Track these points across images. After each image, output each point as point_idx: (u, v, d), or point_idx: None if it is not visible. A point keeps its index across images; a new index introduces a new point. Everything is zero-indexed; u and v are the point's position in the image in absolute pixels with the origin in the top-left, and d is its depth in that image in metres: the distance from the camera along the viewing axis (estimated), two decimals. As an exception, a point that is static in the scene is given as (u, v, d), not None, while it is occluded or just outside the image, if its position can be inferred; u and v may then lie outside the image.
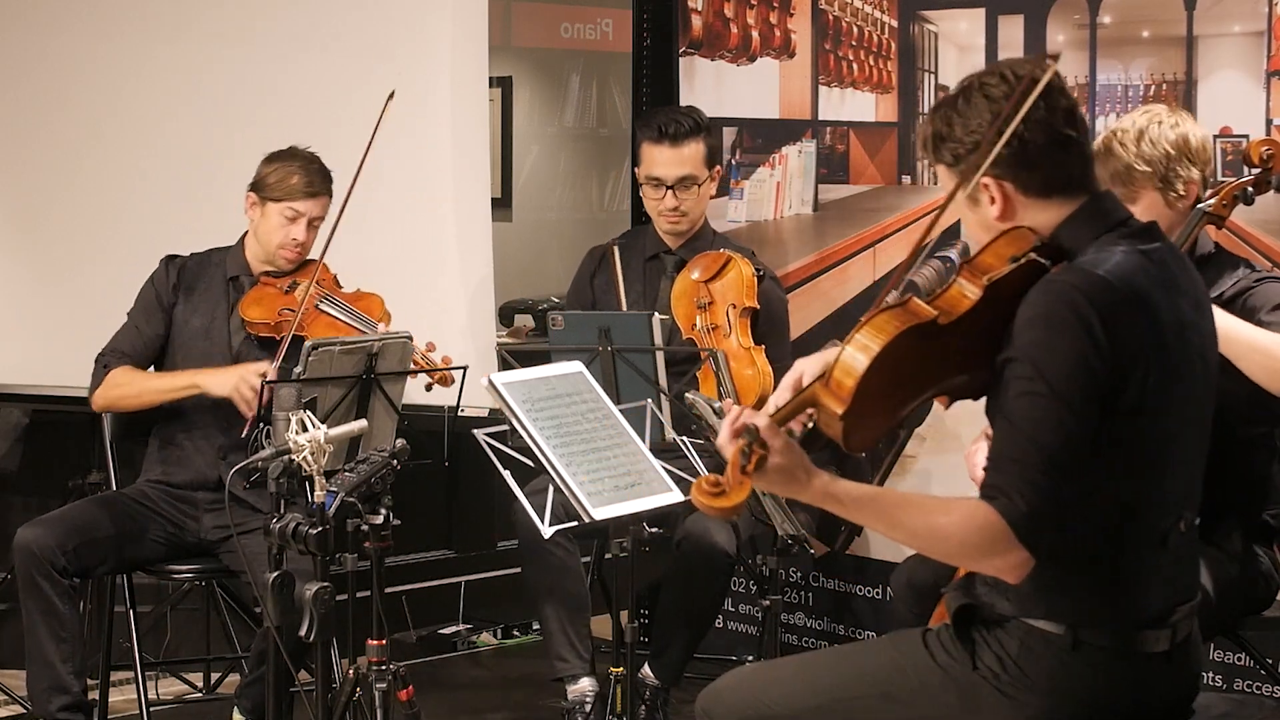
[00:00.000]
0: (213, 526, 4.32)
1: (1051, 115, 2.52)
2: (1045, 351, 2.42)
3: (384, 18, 5.23)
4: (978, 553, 2.43)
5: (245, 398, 4.17)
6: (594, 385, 3.72)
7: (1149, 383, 2.43)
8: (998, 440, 2.45)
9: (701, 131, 4.57)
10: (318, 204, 4.40)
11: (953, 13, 4.78)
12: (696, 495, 2.40)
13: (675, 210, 4.55)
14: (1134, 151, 3.44)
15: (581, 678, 4.32)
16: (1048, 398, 2.40)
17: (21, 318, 5.44)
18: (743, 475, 2.39)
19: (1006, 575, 2.44)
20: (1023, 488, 2.39)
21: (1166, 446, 2.50)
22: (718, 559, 4.25)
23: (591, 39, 7.95)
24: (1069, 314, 2.42)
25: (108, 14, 5.42)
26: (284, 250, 4.40)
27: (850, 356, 2.46)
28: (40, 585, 4.10)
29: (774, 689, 2.72)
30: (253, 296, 4.40)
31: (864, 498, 2.49)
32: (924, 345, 2.49)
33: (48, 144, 5.44)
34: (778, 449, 2.41)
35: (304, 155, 4.42)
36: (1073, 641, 2.49)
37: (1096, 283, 2.44)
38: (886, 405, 2.52)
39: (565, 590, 4.33)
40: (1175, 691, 2.61)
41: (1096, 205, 2.56)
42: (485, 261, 5.27)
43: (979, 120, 2.53)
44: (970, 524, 2.41)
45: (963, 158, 2.55)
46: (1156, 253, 2.53)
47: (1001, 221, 2.57)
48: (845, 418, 2.45)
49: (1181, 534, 2.55)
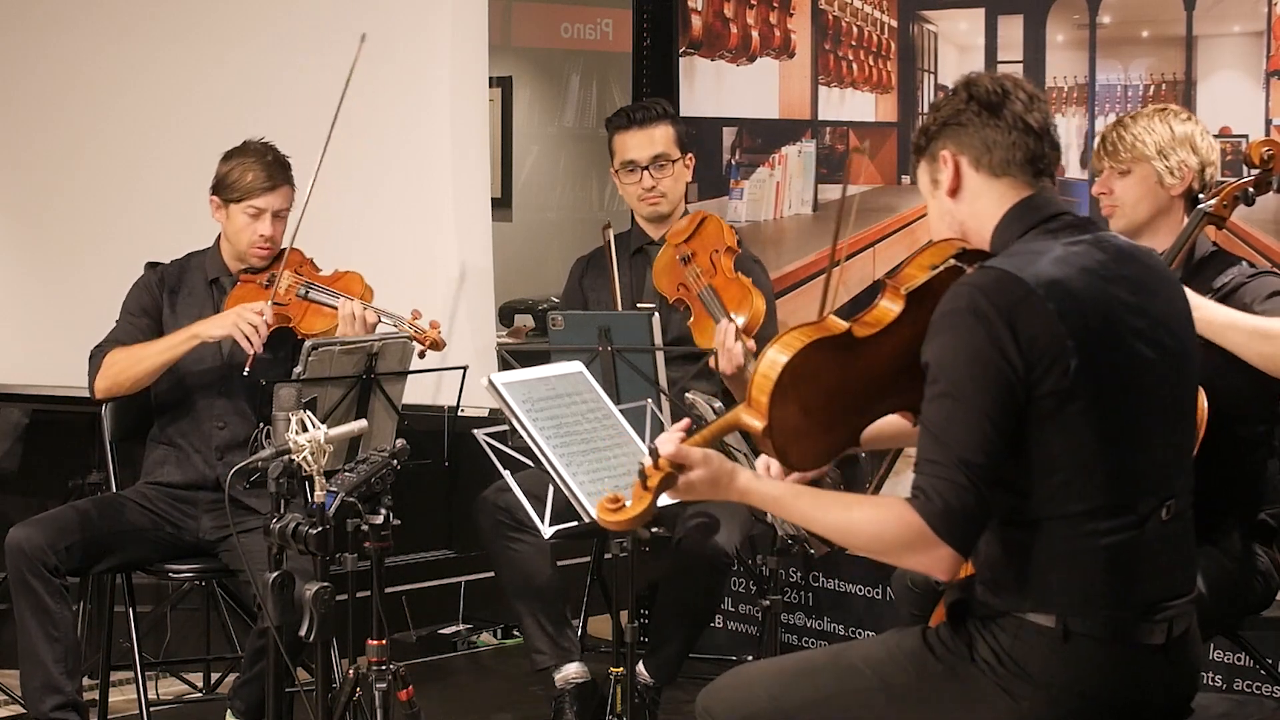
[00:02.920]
0: (212, 526, 4.32)
1: (1026, 108, 2.60)
2: (947, 353, 2.49)
3: (384, 18, 5.23)
4: (896, 548, 2.50)
5: (245, 332, 4.19)
6: (594, 385, 3.72)
7: (1072, 367, 2.46)
8: (919, 444, 2.51)
9: (668, 117, 4.60)
10: (278, 196, 4.36)
11: (953, 13, 4.78)
12: (599, 513, 2.58)
13: (653, 190, 4.56)
14: (1142, 125, 3.52)
15: (564, 665, 4.31)
16: (952, 399, 2.47)
17: (21, 318, 5.44)
18: (643, 491, 2.55)
19: (935, 572, 2.49)
20: (940, 486, 2.45)
21: (1124, 430, 2.51)
22: (717, 559, 4.25)
23: (591, 39, 7.96)
24: (967, 313, 2.48)
25: (107, 14, 5.42)
26: (254, 249, 4.39)
27: (761, 373, 2.56)
28: (32, 584, 4.09)
29: (774, 686, 2.73)
30: (235, 296, 4.39)
31: (785, 496, 2.59)
32: (844, 359, 2.58)
33: (48, 144, 5.45)
34: (695, 462, 2.55)
35: (257, 148, 4.39)
36: (1064, 632, 2.51)
37: (997, 278, 2.49)
38: (818, 421, 2.60)
39: (532, 582, 4.32)
40: (1173, 687, 2.61)
41: (1029, 202, 2.61)
42: (485, 262, 5.28)
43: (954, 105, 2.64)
44: (886, 520, 2.48)
45: (933, 135, 2.66)
46: (1080, 243, 2.57)
47: (952, 199, 2.65)
48: (769, 434, 2.55)
49: (1164, 521, 2.56)
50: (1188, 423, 2.67)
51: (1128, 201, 3.54)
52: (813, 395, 2.57)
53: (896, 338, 2.59)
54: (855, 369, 2.59)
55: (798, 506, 2.59)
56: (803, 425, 2.57)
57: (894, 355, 2.60)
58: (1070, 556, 2.51)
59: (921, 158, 2.69)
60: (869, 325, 2.60)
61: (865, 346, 2.59)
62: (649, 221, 4.64)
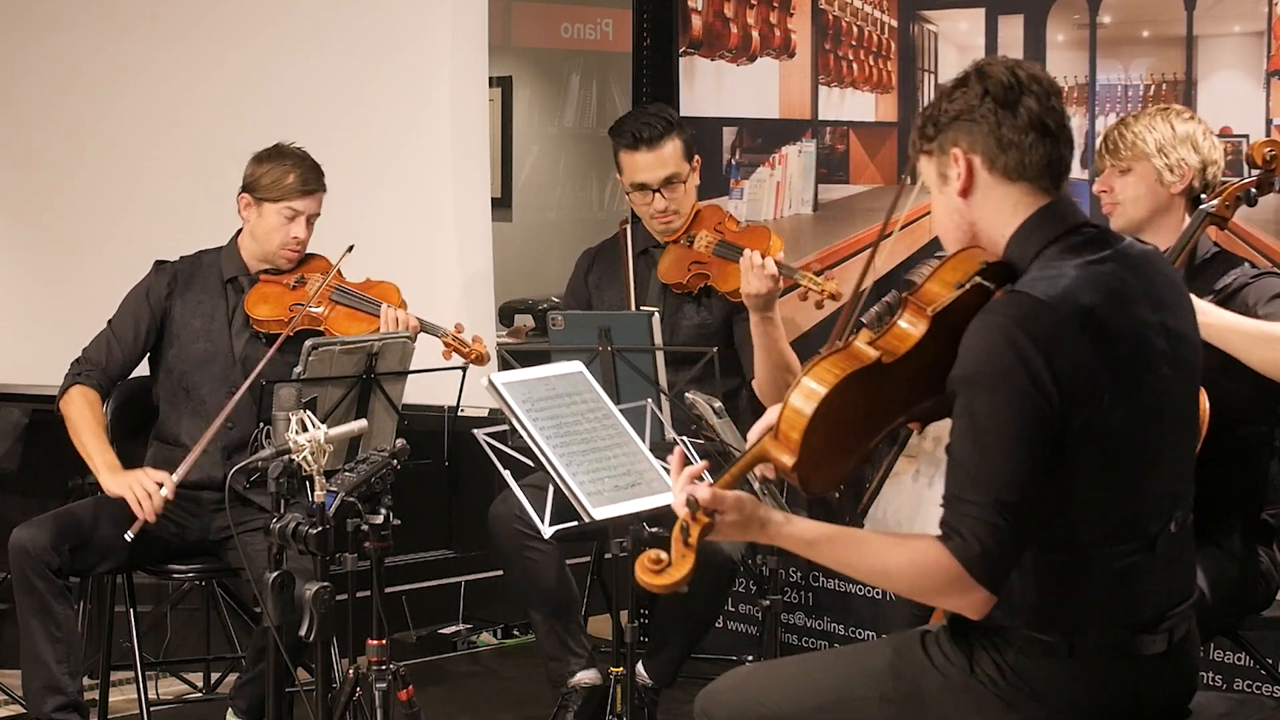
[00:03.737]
0: (218, 526, 4.32)
1: (1043, 106, 2.50)
2: (984, 390, 2.40)
3: (384, 18, 5.23)
4: (933, 593, 2.44)
5: (138, 496, 4.14)
6: (594, 385, 3.72)
7: (1104, 400, 2.41)
8: (948, 477, 2.43)
9: (674, 128, 4.57)
10: (314, 201, 4.41)
11: (953, 13, 4.78)
12: (640, 574, 2.45)
13: (666, 211, 4.56)
14: (1144, 124, 3.51)
15: (579, 671, 4.31)
16: (986, 433, 2.39)
17: (21, 318, 5.44)
18: (685, 548, 2.44)
19: (967, 612, 2.44)
20: (976, 528, 2.38)
21: (1144, 455, 2.48)
22: (721, 564, 4.24)
23: (591, 39, 7.96)
24: (1005, 349, 2.39)
25: (107, 14, 5.42)
26: (286, 250, 4.41)
27: (793, 409, 2.46)
28: (34, 585, 4.09)
29: (773, 689, 2.72)
30: (257, 295, 4.40)
31: (820, 539, 2.49)
32: (871, 387, 2.49)
33: (48, 144, 5.45)
34: (728, 507, 2.46)
35: (294, 153, 4.42)
36: (1069, 647, 2.49)
37: (1034, 309, 2.40)
38: (841, 448, 2.53)
39: (547, 590, 4.32)
40: (1173, 690, 2.60)
41: (1049, 211, 2.52)
42: (485, 262, 5.28)
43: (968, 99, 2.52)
44: (924, 565, 2.41)
45: (942, 127, 2.54)
46: (1104, 261, 2.49)
47: (963, 199, 2.54)
48: (797, 468, 2.47)
49: (1172, 535, 2.54)
50: (1192, 431, 2.64)
51: (1127, 199, 3.54)
52: (840, 426, 2.49)
53: (919, 359, 2.50)
54: (881, 394, 2.51)
55: (831, 553, 2.49)
56: (825, 455, 2.50)
57: (915, 376, 2.51)
58: (1080, 579, 2.48)
59: (929, 149, 2.58)
60: (893, 350, 2.50)
61: (891, 370, 2.50)
62: (660, 234, 4.64)
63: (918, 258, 4.68)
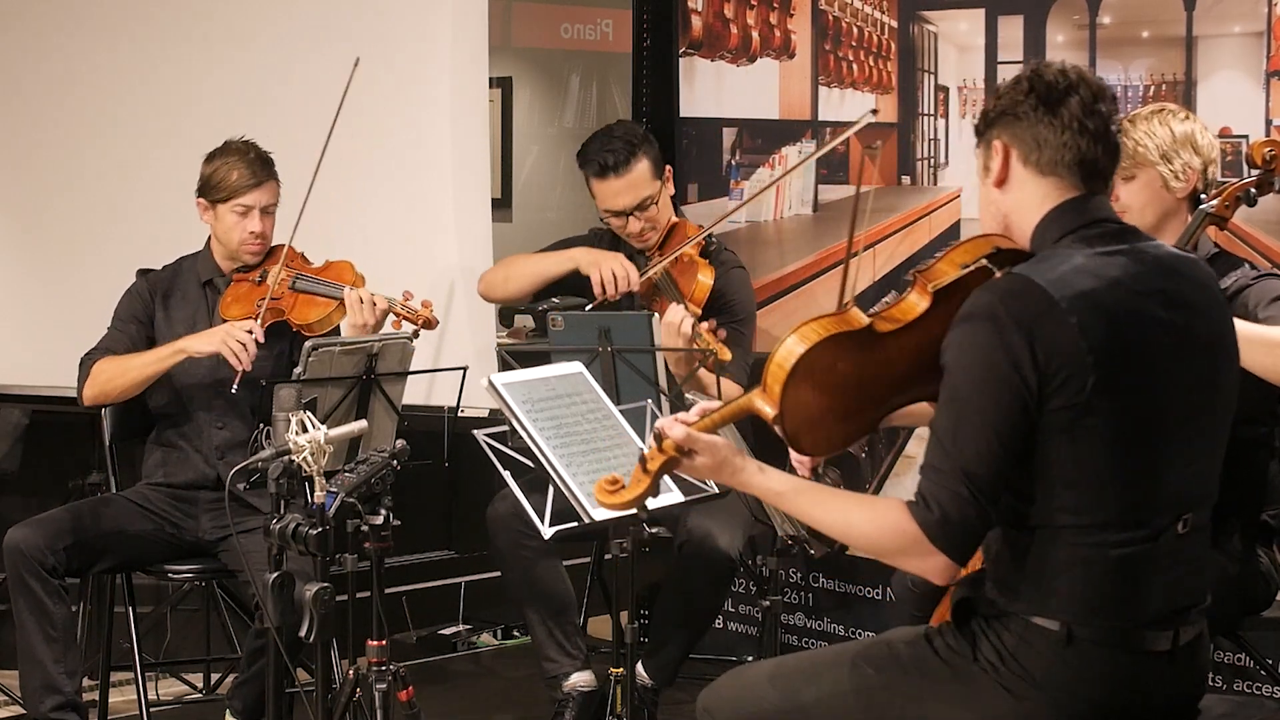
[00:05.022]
0: (212, 526, 4.32)
1: (1086, 108, 2.55)
2: (961, 360, 2.48)
3: (384, 18, 5.22)
4: (892, 553, 2.52)
5: (233, 349, 4.19)
6: (594, 385, 3.72)
7: (1089, 384, 2.43)
8: (927, 447, 2.50)
9: (640, 146, 4.52)
10: (265, 192, 4.38)
11: (953, 13, 4.78)
12: (596, 494, 2.63)
13: (642, 231, 4.56)
14: (1143, 129, 3.50)
15: (574, 673, 4.31)
16: (961, 407, 2.46)
17: (21, 318, 5.44)
18: (643, 474, 2.60)
19: (930, 576, 2.50)
20: (940, 495, 2.45)
21: (1137, 445, 2.49)
22: (720, 563, 4.24)
23: (591, 39, 7.95)
24: (984, 321, 2.46)
25: (107, 15, 5.42)
26: (246, 246, 4.40)
27: (776, 363, 2.56)
28: (30, 585, 4.09)
29: (775, 686, 2.72)
30: (230, 296, 4.42)
31: (788, 491, 2.61)
32: (863, 353, 2.56)
33: (48, 145, 5.45)
34: (701, 448, 2.58)
35: (238, 147, 4.41)
36: (1067, 636, 2.50)
37: (1023, 289, 2.46)
38: (833, 413, 2.59)
39: (545, 591, 4.32)
40: (1178, 691, 2.60)
41: (1072, 205, 2.57)
42: (485, 262, 5.27)
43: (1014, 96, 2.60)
44: (883, 524, 2.50)
45: (990, 121, 2.63)
46: (1116, 253, 2.53)
47: (999, 190, 2.62)
48: (780, 421, 2.55)
49: (1179, 535, 2.54)
50: (1209, 439, 2.61)
51: (1134, 206, 3.52)
52: (828, 386, 2.56)
53: (920, 334, 2.57)
54: (874, 363, 2.58)
55: (798, 503, 2.60)
56: (816, 414, 2.57)
57: (917, 351, 2.57)
58: (1078, 564, 2.50)
59: (980, 142, 2.67)
60: (892, 320, 2.58)
61: (886, 341, 2.57)
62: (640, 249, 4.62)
63: (918, 258, 4.69)
